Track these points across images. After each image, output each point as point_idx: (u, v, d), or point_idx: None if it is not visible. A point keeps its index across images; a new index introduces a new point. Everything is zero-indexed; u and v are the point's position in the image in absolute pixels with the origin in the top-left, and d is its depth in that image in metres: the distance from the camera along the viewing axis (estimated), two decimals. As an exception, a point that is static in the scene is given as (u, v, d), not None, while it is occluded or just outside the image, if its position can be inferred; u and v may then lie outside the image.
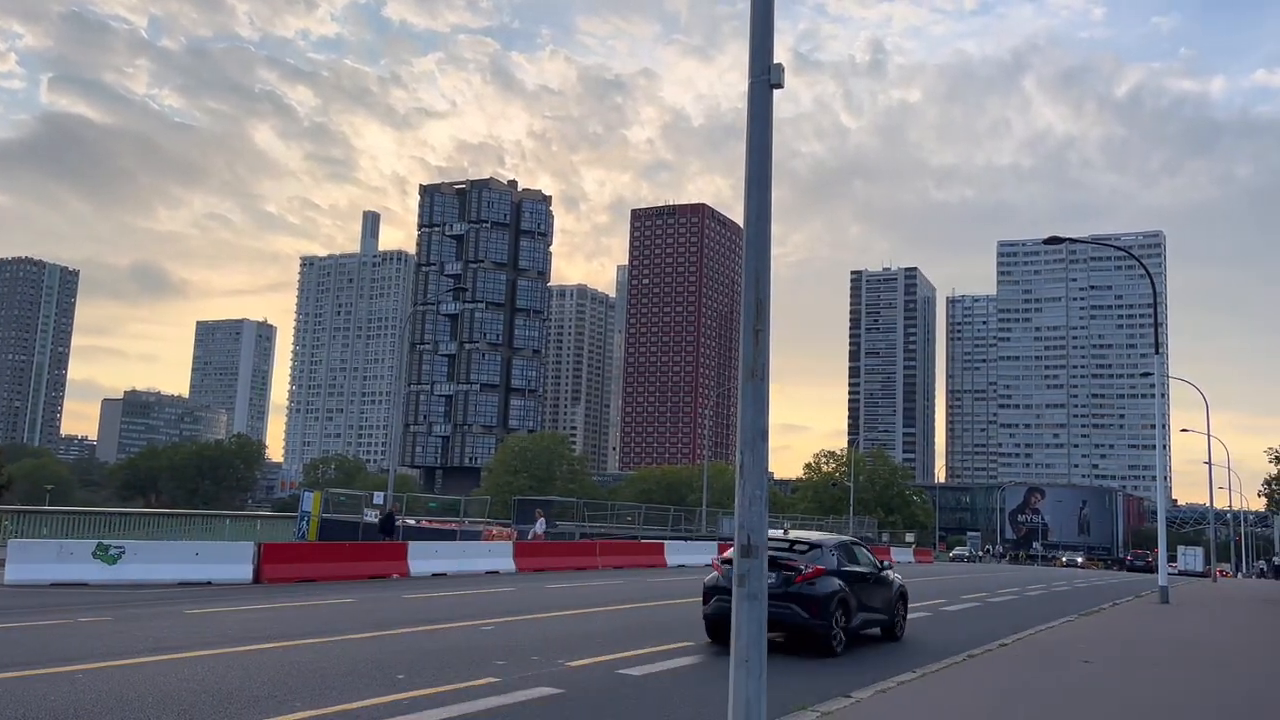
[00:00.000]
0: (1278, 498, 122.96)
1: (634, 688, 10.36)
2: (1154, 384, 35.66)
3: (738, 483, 6.43)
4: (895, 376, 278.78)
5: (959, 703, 9.96)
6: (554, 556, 31.09)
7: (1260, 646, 17.90)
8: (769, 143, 6.60)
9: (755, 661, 6.09)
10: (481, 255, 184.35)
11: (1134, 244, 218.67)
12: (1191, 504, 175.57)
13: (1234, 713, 10.50)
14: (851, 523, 79.98)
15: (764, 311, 6.51)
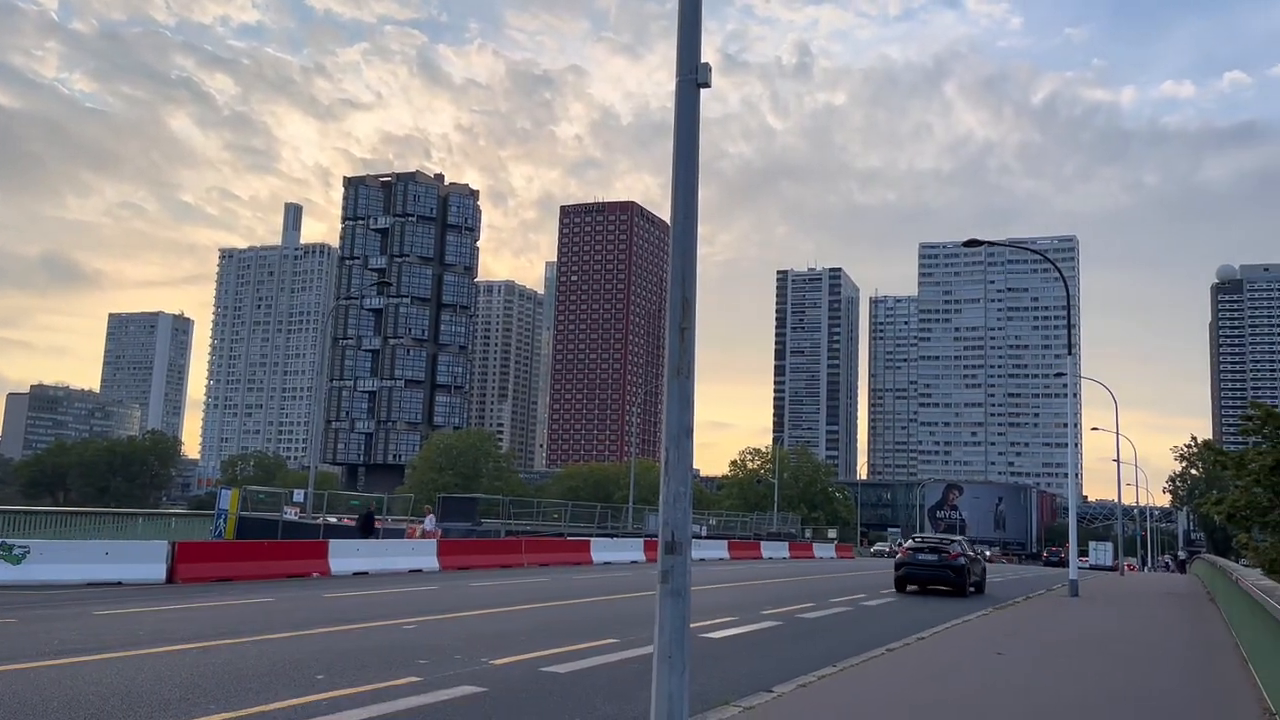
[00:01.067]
0: (1181, 494, 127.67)
1: (558, 685, 10.35)
2: (1067, 384, 36.77)
3: (663, 479, 6.46)
4: (819, 375, 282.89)
5: (875, 695, 10.15)
6: (479, 555, 30.87)
7: (1160, 637, 18.60)
8: (696, 142, 6.64)
9: (678, 658, 6.13)
10: (407, 249, 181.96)
11: (1049, 248, 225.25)
12: (1101, 500, 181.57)
13: (1134, 699, 10.90)
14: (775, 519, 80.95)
15: (690, 309, 6.54)
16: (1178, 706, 10.71)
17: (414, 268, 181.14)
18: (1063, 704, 10.26)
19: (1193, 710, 10.50)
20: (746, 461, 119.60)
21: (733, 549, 48.58)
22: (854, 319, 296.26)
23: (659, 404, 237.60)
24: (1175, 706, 10.71)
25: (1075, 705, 10.26)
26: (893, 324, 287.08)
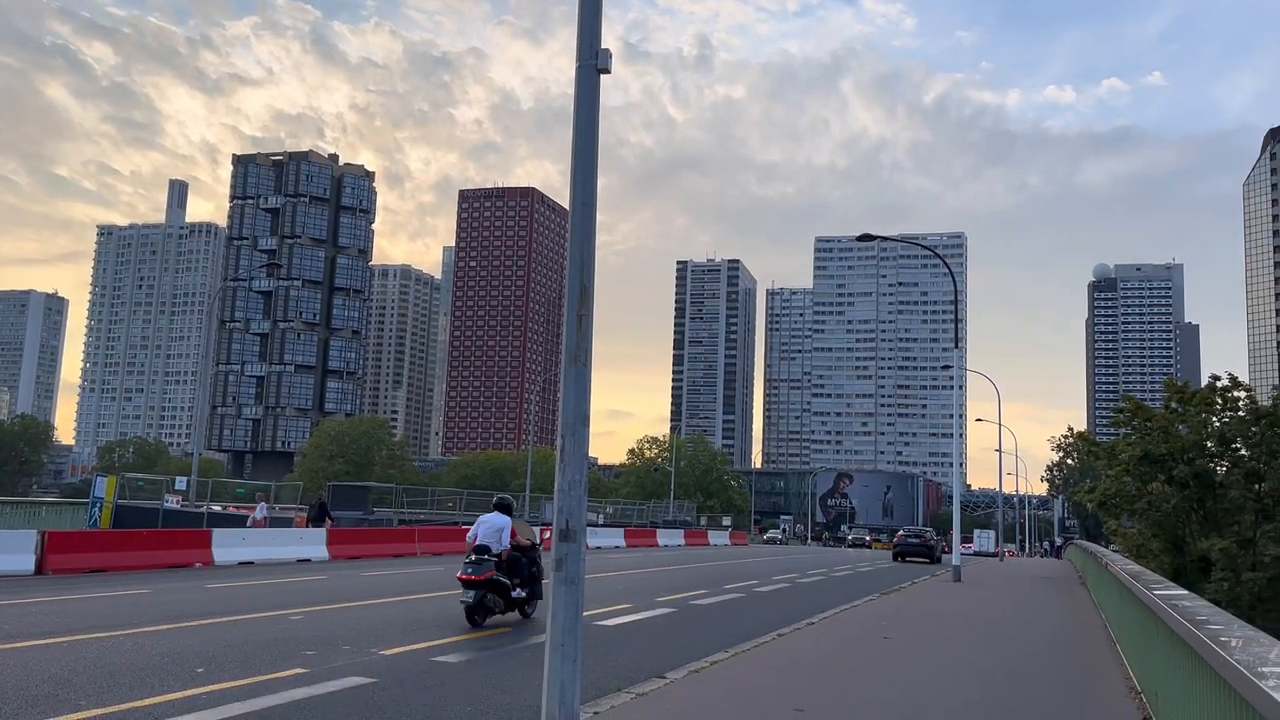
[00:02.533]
0: (1058, 483, 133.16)
1: (450, 674, 10.23)
2: (953, 376, 38.07)
3: (558, 467, 6.42)
4: (717, 365, 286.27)
5: (764, 679, 10.32)
6: (370, 544, 30.30)
7: (1035, 620, 19.44)
8: (596, 128, 6.60)
9: (571, 646, 6.11)
10: (299, 231, 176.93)
11: (939, 244, 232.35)
12: (984, 489, 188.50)
13: (1009, 678, 11.36)
14: (672, 507, 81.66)
15: (588, 296, 6.51)
16: (1050, 685, 11.19)
17: (306, 250, 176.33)
18: (942, 684, 10.61)
19: (1064, 688, 10.98)
20: (644, 450, 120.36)
21: (629, 537, 48.82)
22: (751, 310, 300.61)
23: (558, 392, 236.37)
24: (1047, 685, 11.18)
25: (953, 685, 10.63)
26: (788, 316, 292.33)
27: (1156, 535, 34.17)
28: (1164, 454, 33.01)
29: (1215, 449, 33.73)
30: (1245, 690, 3.98)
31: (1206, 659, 5.07)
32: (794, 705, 8.93)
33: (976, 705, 9.59)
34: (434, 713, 8.45)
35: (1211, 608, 7.41)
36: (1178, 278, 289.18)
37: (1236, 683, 4.19)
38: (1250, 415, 33.36)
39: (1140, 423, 35.45)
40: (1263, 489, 31.97)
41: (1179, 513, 32.95)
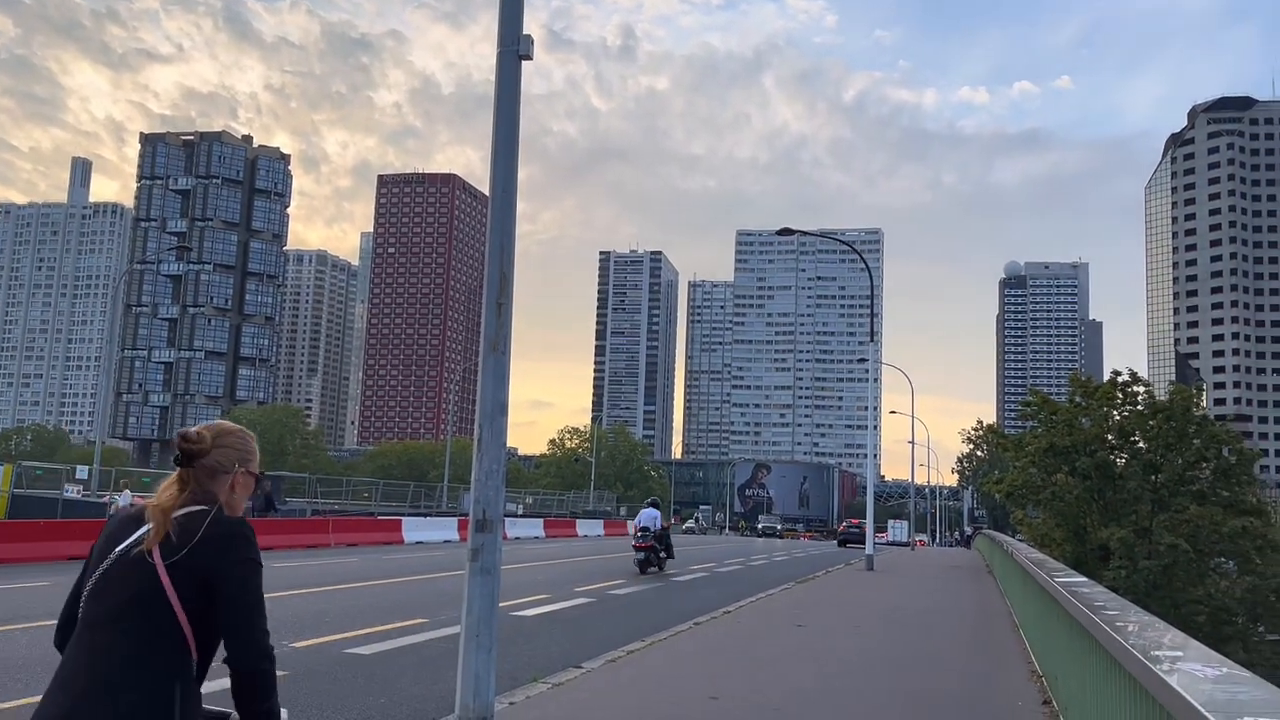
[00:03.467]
0: (967, 474, 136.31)
1: (363, 666, 10.08)
2: (869, 370, 38.78)
3: (475, 457, 6.37)
4: (639, 356, 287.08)
5: (680, 667, 10.41)
6: (282, 535, 29.66)
7: (943, 607, 19.97)
8: (516, 115, 6.55)
9: (486, 636, 6.08)
10: (210, 213, 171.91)
11: (857, 239, 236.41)
12: (897, 479, 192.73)
13: (918, 663, 11.65)
14: (592, 497, 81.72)
15: (507, 285, 6.46)
16: (956, 669, 11.51)
17: (218, 233, 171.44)
18: (853, 669, 10.84)
19: (969, 672, 11.31)
20: (565, 440, 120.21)
21: (549, 527, 48.70)
22: (673, 302, 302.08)
23: (477, 381, 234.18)
24: (954, 669, 11.50)
25: (864, 670, 10.87)
26: (710, 308, 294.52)
27: (1060, 525, 35.35)
28: (1068, 446, 34.17)
29: (1116, 442, 35.05)
30: (1138, 673, 4.14)
31: (1102, 643, 5.26)
32: (709, 693, 9.02)
33: (886, 689, 9.81)
34: (345, 705, 8.32)
35: (1108, 594, 7.69)
36: (1083, 276, 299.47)
37: (1130, 665, 4.35)
38: (1148, 410, 34.73)
39: (1046, 416, 36.64)
40: (1159, 480, 33.35)
41: (1081, 503, 34.15)
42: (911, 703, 9.25)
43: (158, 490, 2.72)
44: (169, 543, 2.55)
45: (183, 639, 2.55)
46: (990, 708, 9.19)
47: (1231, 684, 3.52)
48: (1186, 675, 3.66)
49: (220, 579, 2.55)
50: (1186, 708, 3.16)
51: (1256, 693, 3.31)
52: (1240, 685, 3.47)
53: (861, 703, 9.05)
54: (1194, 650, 4.35)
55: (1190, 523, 31.15)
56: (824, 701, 9.01)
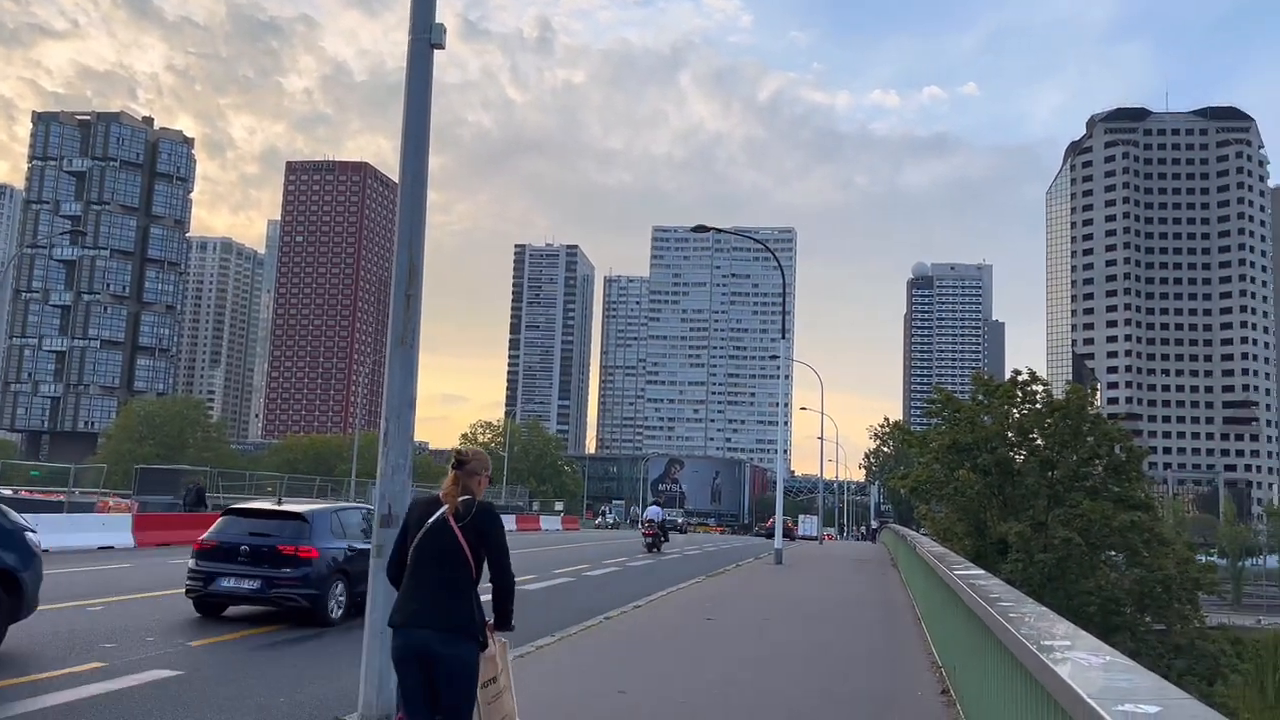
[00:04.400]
0: (874, 469, 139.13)
1: (261, 664, 9.85)
2: (780, 366, 39.37)
3: (381, 451, 6.28)
4: (554, 350, 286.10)
5: (591, 663, 10.42)
6: (181, 530, 28.70)
7: (849, 600, 20.39)
8: (428, 104, 6.45)
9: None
10: (107, 197, 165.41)
11: (770, 238, 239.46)
12: (806, 475, 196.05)
13: (825, 655, 11.88)
14: (504, 492, 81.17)
15: (416, 276, 6.37)
16: (860, 660, 11.76)
17: (115, 217, 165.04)
18: (761, 661, 10.99)
19: (872, 662, 11.57)
20: (477, 435, 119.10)
21: (459, 522, 48.16)
22: (589, 296, 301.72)
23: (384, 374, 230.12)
24: (858, 660, 11.75)
25: (771, 661, 11.03)
26: (625, 303, 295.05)
27: (961, 519, 36.34)
28: (970, 443, 35.16)
29: (1015, 439, 36.19)
30: (1029, 662, 4.28)
31: (997, 634, 5.43)
32: (618, 686, 9.05)
33: (791, 681, 9.97)
34: (244, 705, 8.11)
35: (1005, 586, 7.94)
36: (987, 278, 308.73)
37: (1021, 655, 4.50)
38: (1046, 408, 35.94)
39: (950, 413, 37.64)
40: (1055, 476, 34.55)
41: (981, 498, 35.17)
42: (815, 693, 9.42)
43: (443, 486, 4.79)
44: (457, 515, 4.68)
45: (469, 567, 4.69)
46: (891, 698, 9.41)
47: (1115, 672, 3.69)
48: (1074, 664, 3.81)
49: (486, 534, 4.73)
50: (1072, 695, 3.29)
51: (1137, 680, 3.48)
52: (1123, 673, 3.64)
53: (767, 695, 9.18)
54: (1082, 640, 4.52)
55: (1083, 517, 32.34)
56: (731, 693, 9.11)
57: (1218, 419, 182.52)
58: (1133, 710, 2.93)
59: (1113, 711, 2.89)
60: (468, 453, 4.86)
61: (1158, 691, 3.24)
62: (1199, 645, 33.02)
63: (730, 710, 8.39)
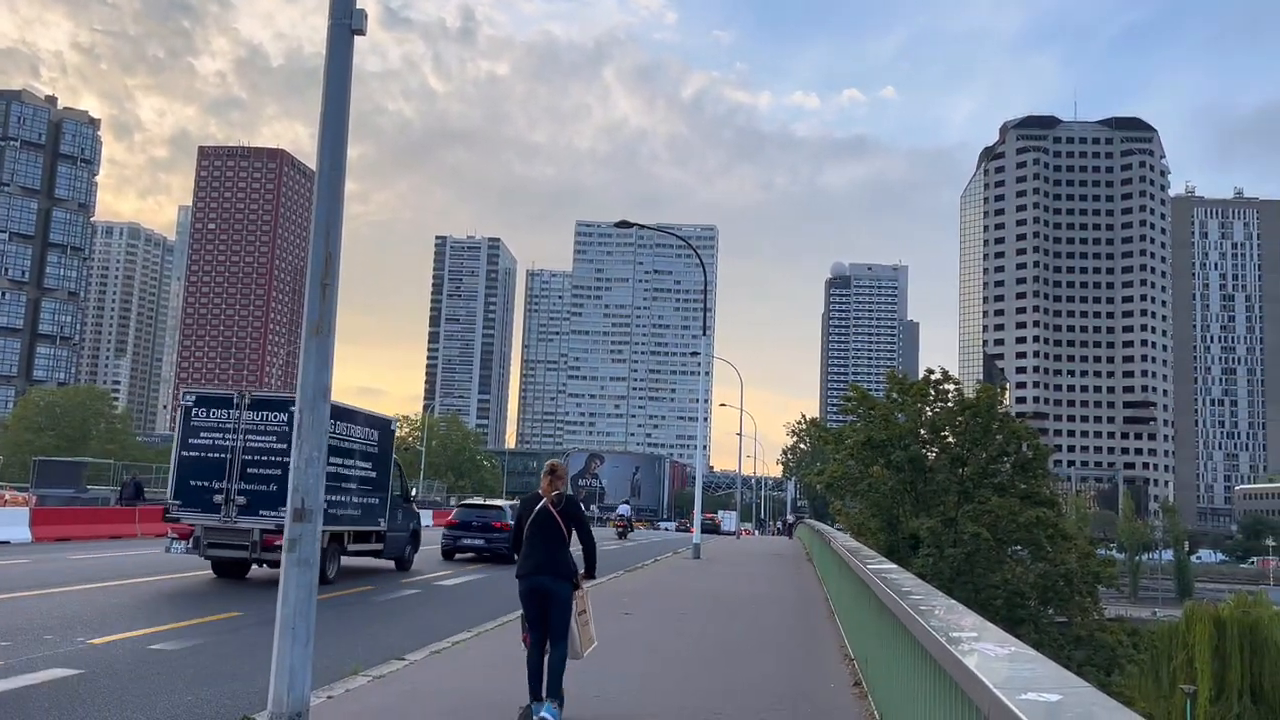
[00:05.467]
0: (791, 465, 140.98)
1: (168, 662, 9.56)
2: (701, 363, 39.69)
3: (295, 443, 6.14)
4: (474, 344, 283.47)
5: (507, 658, 10.36)
6: (82, 524, 27.75)
7: (764, 594, 20.66)
8: (347, 91, 6.33)
9: (302, 629, 5.87)
10: (7, 178, 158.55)
11: (693, 235, 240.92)
12: (725, 470, 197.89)
13: (740, 649, 12.02)
14: (421, 486, 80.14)
15: (333, 265, 6.25)
16: (774, 653, 11.92)
17: (15, 199, 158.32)
18: (678, 655, 11.06)
19: (786, 655, 11.73)
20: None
21: (375, 517, 47.45)
22: (510, 290, 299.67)
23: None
24: (772, 653, 11.91)
25: (688, 655, 11.11)
26: (547, 297, 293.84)
27: (875, 514, 37.12)
28: (884, 440, 35.92)
29: (928, 436, 37.10)
30: (937, 653, 4.39)
31: (907, 626, 5.56)
32: (534, 682, 9.01)
33: (707, 673, 10.06)
34: (149, 704, 7.87)
35: (916, 580, 8.13)
36: (903, 279, 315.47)
37: (930, 646, 4.61)
38: (957, 406, 36.91)
39: (865, 411, 38.39)
40: (965, 473, 35.51)
41: (895, 494, 35.98)
42: (730, 687, 9.51)
43: (541, 486, 7.30)
44: (555, 503, 7.17)
45: (564, 537, 7.20)
46: (804, 691, 9.56)
47: (1019, 662, 3.82)
48: (980, 655, 3.93)
49: (575, 515, 7.31)
50: (978, 684, 3.39)
51: (1039, 669, 3.61)
52: (1027, 664, 3.77)
53: (682, 689, 9.24)
54: (988, 632, 4.65)
55: (991, 513, 33.33)
56: (647, 687, 9.16)
57: (1119, 419, 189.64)
58: (1035, 698, 3.03)
59: (1016, 700, 2.97)
60: (558, 466, 7.72)
61: (1059, 681, 3.36)
62: (1098, 637, 34.29)
63: (646, 704, 8.43)
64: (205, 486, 16.94)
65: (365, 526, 19.13)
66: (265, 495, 16.70)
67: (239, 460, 16.87)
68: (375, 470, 19.50)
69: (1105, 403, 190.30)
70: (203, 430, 17.19)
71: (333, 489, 16.41)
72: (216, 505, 16.81)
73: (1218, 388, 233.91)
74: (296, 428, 6.13)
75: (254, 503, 16.70)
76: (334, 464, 16.83)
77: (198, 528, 16.98)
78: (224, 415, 17.20)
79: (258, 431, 16.92)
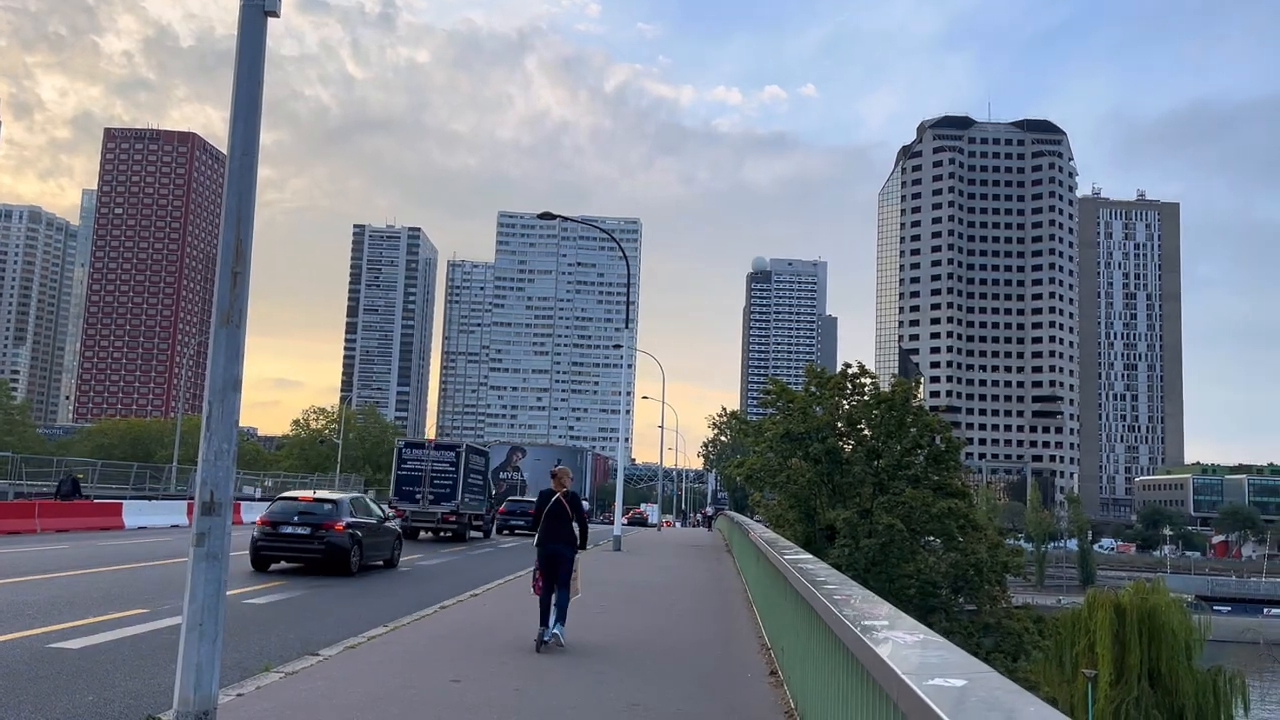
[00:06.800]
0: (712, 458, 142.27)
1: (69, 662, 9.23)
2: (624, 356, 39.75)
3: (203, 436, 5.97)
4: (393, 335, 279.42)
5: (424, 652, 10.25)
6: (-22, 520, 26.60)
7: (684, 585, 20.81)
8: (260, 73, 6.16)
9: (210, 625, 5.72)
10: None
11: (616, 228, 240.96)
12: (647, 463, 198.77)
13: (661, 642, 12.09)
14: (338, 480, 78.79)
15: (244, 253, 6.09)
16: (693, 643, 12.02)
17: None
18: (596, 646, 11.08)
19: (705, 646, 11.84)
20: (310, 421, 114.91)
21: (289, 511, 46.55)
22: (431, 281, 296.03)
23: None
24: (691, 643, 12.00)
25: (606, 646, 11.14)
26: (469, 289, 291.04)
27: (793, 506, 37.67)
28: (802, 432, 36.47)
29: (844, 429, 37.76)
30: (849, 641, 4.48)
31: (821, 616, 5.65)
32: (451, 676, 8.94)
33: (626, 664, 10.09)
34: (47, 704, 7.58)
35: (830, 570, 8.27)
36: (822, 274, 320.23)
37: (842, 634, 4.70)
38: (873, 400, 37.66)
39: (784, 404, 38.90)
40: (880, 465, 36.26)
41: (812, 485, 36.56)
42: (649, 677, 9.56)
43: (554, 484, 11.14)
44: (565, 496, 11.00)
45: (570, 520, 10.90)
46: (722, 681, 9.66)
47: (928, 649, 3.92)
48: (891, 643, 4.02)
49: (576, 507, 11.01)
50: (887, 671, 3.48)
51: (947, 656, 3.72)
52: (935, 650, 3.88)
53: (601, 677, 9.26)
54: (900, 621, 4.76)
55: (905, 504, 34.10)
56: (566, 679, 9.15)
57: (1027, 412, 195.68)
58: (942, 684, 3.12)
59: (924, 686, 3.05)
60: (566, 471, 11.36)
61: (965, 666, 3.46)
62: (1006, 624, 35.35)
63: (565, 696, 8.42)
64: (410, 490, 32.51)
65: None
66: (441, 495, 32.37)
67: (428, 476, 32.46)
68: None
69: (1015, 396, 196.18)
70: (408, 460, 33.18)
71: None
72: (417, 499, 32.34)
73: (1120, 383, 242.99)
74: (205, 421, 5.96)
75: (437, 499, 32.29)
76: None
77: (407, 512, 31.25)
78: (420, 451, 33.75)
79: (437, 460, 32.96)
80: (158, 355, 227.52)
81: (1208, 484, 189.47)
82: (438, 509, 31.79)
